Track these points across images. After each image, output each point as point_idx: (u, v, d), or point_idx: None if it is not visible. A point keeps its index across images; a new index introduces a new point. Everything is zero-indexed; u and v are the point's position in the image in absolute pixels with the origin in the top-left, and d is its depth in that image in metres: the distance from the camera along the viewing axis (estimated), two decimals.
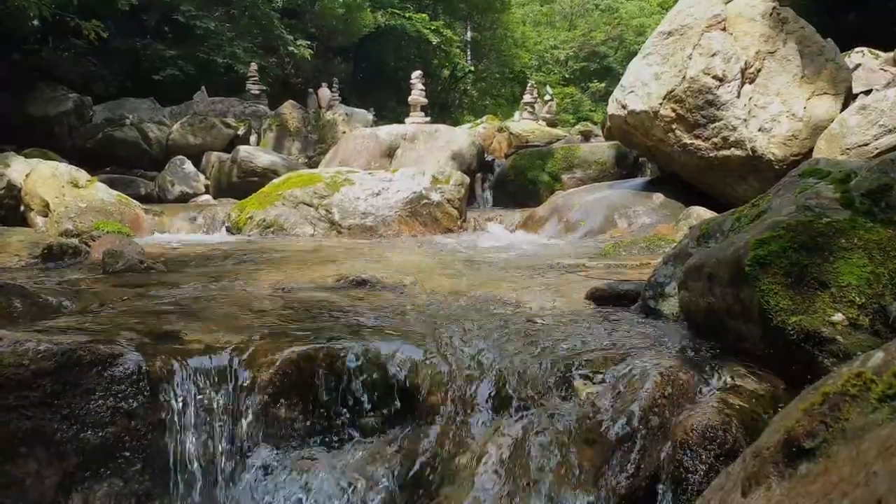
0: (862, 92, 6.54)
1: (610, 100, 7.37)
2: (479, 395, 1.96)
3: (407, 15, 21.97)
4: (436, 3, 25.33)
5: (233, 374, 1.97)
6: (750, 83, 6.29)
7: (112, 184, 8.20)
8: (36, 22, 10.98)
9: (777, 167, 5.98)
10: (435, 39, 22.48)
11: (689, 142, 6.47)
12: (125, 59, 14.62)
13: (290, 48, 17.31)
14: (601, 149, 9.61)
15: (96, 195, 7.13)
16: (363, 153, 10.22)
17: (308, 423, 1.96)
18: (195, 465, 1.86)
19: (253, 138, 12.74)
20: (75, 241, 5.04)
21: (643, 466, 1.60)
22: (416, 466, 1.85)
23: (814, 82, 6.20)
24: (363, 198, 7.28)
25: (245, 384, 1.95)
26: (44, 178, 7.07)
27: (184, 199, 10.22)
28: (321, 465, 1.88)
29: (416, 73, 12.40)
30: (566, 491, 1.64)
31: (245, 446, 1.91)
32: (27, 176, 7.13)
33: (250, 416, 1.93)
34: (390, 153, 10.19)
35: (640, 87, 6.69)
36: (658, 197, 6.88)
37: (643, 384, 1.75)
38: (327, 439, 1.95)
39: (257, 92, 14.39)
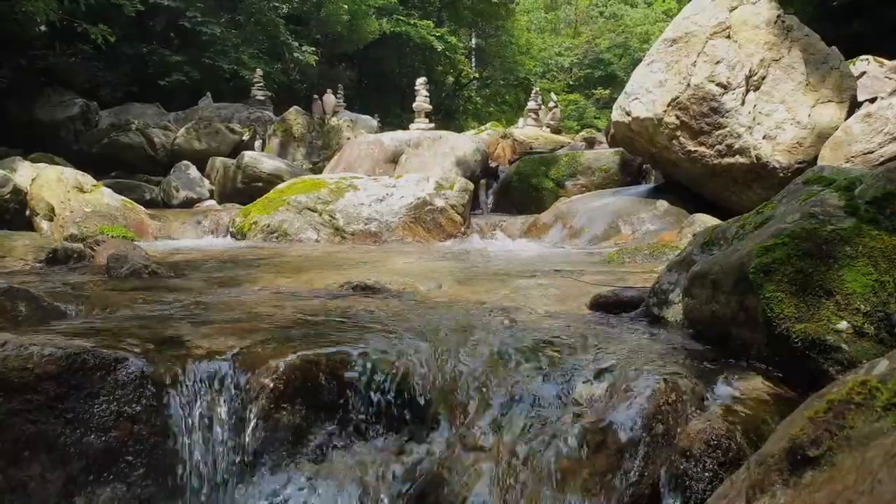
0: (867, 100, 6.53)
1: (614, 107, 7.38)
2: (481, 401, 1.96)
3: (412, 22, 22.07)
4: (440, 10, 25.44)
5: (237, 379, 1.97)
6: (754, 90, 6.29)
7: (117, 189, 8.24)
8: (43, 27, 11.07)
9: (781, 174, 5.98)
10: (439, 46, 22.57)
11: (693, 149, 6.47)
12: (131, 65, 14.72)
13: (296, 54, 17.41)
14: (605, 155, 9.61)
15: (101, 200, 7.17)
16: (367, 159, 10.25)
17: (313, 428, 1.96)
18: (199, 470, 1.86)
19: (258, 144, 12.79)
20: (80, 245, 5.05)
21: (647, 474, 1.60)
22: (419, 473, 1.85)
23: (818, 90, 6.20)
24: (367, 203, 7.30)
25: (249, 389, 1.95)
26: (49, 182, 7.11)
27: (188, 204, 10.26)
28: (326, 471, 1.87)
29: (421, 80, 12.43)
30: (568, 499, 1.64)
31: (249, 451, 1.91)
32: (33, 180, 7.16)
33: (254, 422, 1.92)
34: (395, 159, 10.21)
35: (645, 94, 6.70)
36: (662, 204, 6.88)
37: (647, 391, 1.75)
38: (332, 445, 1.94)
39: (262, 98, 14.46)
